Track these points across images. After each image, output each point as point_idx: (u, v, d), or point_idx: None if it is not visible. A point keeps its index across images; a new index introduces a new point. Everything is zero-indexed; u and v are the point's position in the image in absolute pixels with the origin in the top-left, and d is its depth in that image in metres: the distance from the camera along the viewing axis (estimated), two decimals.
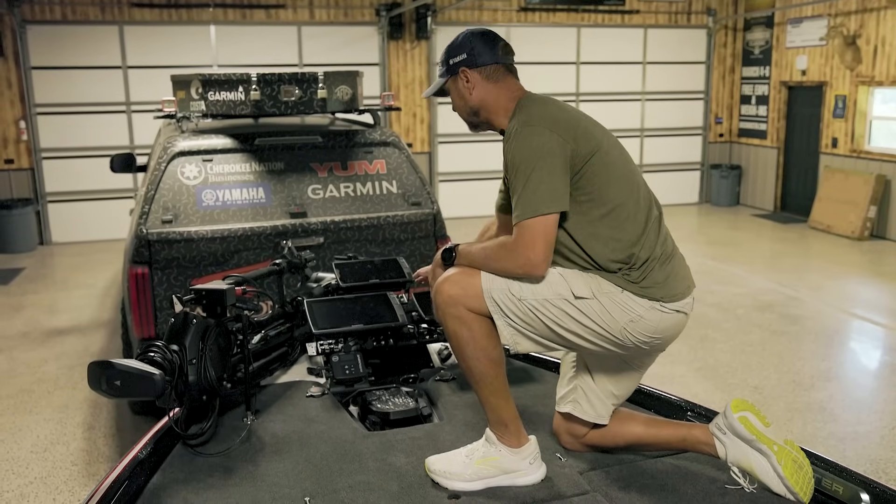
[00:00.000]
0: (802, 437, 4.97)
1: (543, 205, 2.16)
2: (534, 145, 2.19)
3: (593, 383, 2.46)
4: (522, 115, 2.29)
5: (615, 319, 2.23)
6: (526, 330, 2.26)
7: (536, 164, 2.17)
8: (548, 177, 2.17)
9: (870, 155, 11.26)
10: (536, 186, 2.16)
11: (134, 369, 2.17)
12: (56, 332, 7.27)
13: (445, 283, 2.29)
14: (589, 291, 2.23)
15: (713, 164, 14.15)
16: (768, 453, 2.19)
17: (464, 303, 2.25)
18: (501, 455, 2.30)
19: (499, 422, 2.31)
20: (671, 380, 5.91)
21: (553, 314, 2.23)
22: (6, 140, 11.12)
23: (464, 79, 2.40)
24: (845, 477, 2.19)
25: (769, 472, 2.19)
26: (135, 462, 2.36)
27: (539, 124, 2.22)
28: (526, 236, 2.17)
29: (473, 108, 2.43)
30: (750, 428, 2.24)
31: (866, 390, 5.86)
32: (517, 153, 2.21)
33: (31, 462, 4.80)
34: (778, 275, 9.09)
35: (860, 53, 11.26)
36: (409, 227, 5.01)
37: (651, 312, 2.25)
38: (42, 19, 10.99)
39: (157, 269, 4.53)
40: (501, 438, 2.31)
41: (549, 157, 2.18)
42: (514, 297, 2.23)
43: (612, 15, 13.22)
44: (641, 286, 2.25)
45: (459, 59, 2.40)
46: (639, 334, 2.26)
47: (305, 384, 3.00)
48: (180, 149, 4.77)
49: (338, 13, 12.04)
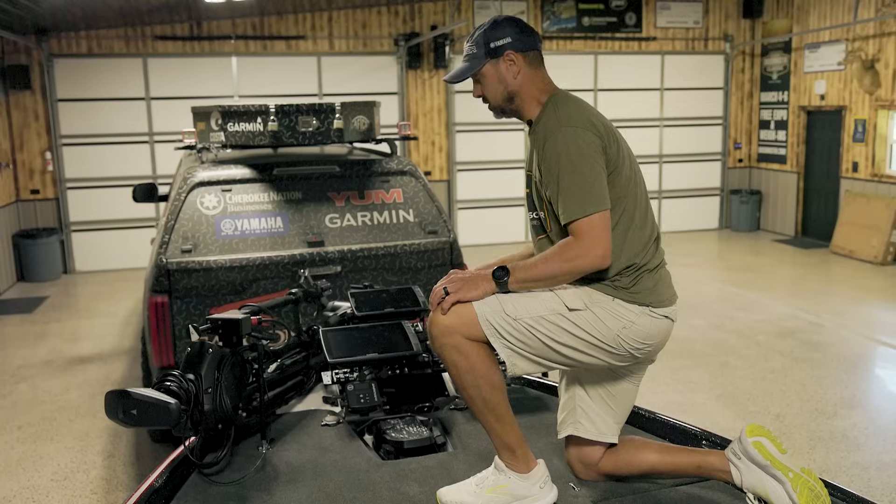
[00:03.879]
0: (826, 466, 4.90)
1: (601, 202, 2.21)
2: (581, 146, 2.23)
3: (590, 400, 2.47)
4: (563, 113, 2.31)
5: (608, 328, 2.27)
6: (523, 350, 2.26)
7: (587, 163, 2.22)
8: (598, 176, 2.23)
9: (891, 179, 11.16)
10: (591, 184, 2.21)
11: (150, 398, 2.19)
12: (78, 361, 7.35)
13: (438, 314, 2.27)
14: (581, 303, 2.27)
15: (733, 190, 14.09)
16: (783, 480, 2.17)
17: (459, 331, 2.23)
18: (511, 482, 2.29)
19: (505, 448, 2.30)
20: (691, 407, 5.85)
21: (549, 330, 2.25)
22: (32, 171, 11.32)
23: (510, 61, 2.38)
24: None
25: (784, 499, 2.16)
26: (150, 491, 2.37)
27: (584, 126, 2.27)
28: (593, 233, 2.19)
29: (511, 94, 2.41)
30: (765, 454, 2.22)
31: (891, 418, 5.76)
32: (564, 151, 2.24)
33: (51, 490, 4.83)
34: (799, 300, 9.00)
35: (879, 77, 11.21)
36: (426, 256, 5.03)
37: (642, 318, 2.30)
38: (69, 53, 11.23)
39: (177, 298, 4.57)
40: (510, 465, 2.30)
41: (597, 156, 2.25)
42: (508, 318, 2.23)
43: (629, 42, 13.29)
44: (631, 292, 2.29)
45: (504, 42, 2.37)
46: (632, 341, 2.30)
47: (321, 413, 3.01)
48: (200, 179, 4.83)
49: (357, 43, 12.20)
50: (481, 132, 12.75)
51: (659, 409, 3.10)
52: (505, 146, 12.75)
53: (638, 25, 13.30)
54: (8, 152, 11.02)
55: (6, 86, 10.93)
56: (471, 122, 12.71)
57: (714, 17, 13.68)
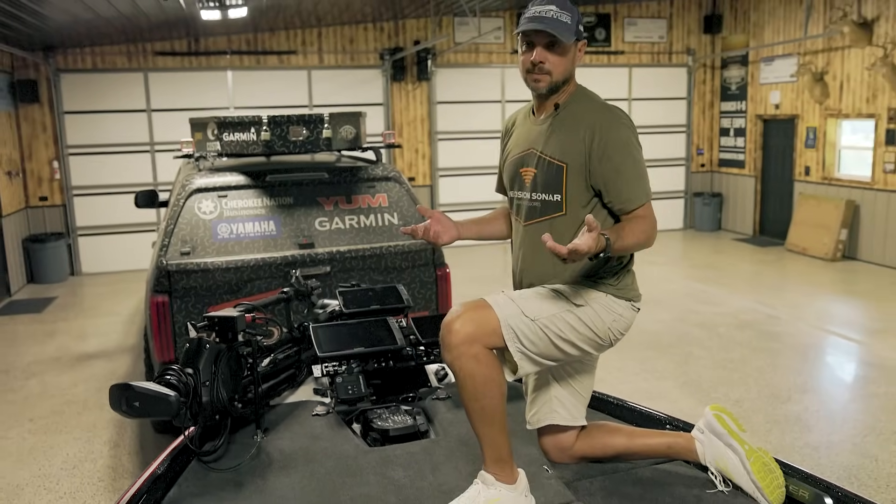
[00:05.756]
0: (781, 446, 4.95)
1: (650, 190, 2.28)
2: (633, 139, 2.27)
3: (562, 390, 2.47)
4: (611, 107, 2.33)
5: (603, 321, 2.28)
6: (531, 352, 2.19)
7: (642, 156, 2.27)
8: (645, 168, 2.28)
9: (840, 182, 11.29)
10: (644, 174, 2.26)
11: (151, 391, 2.19)
12: (85, 357, 7.30)
13: (457, 322, 2.09)
14: (583, 300, 2.27)
15: (696, 193, 14.19)
16: (739, 451, 2.21)
17: (480, 340, 2.09)
18: (502, 495, 2.15)
19: (498, 459, 2.17)
20: (658, 395, 5.90)
21: (559, 327, 2.21)
22: (41, 179, 11.22)
23: (583, 49, 2.37)
24: (810, 482, 2.20)
25: (739, 469, 2.20)
26: (153, 477, 2.37)
27: (630, 122, 2.31)
28: (653, 215, 2.24)
29: (568, 77, 2.36)
30: (723, 424, 2.26)
31: (840, 402, 5.84)
32: (629, 142, 2.25)
33: (61, 478, 4.80)
34: (757, 295, 9.09)
35: (828, 88, 11.33)
36: (410, 256, 5.03)
37: (627, 311, 2.34)
38: (74, 68, 11.14)
39: (176, 298, 4.56)
40: (499, 477, 2.16)
41: (641, 150, 2.30)
42: (527, 320, 2.17)
43: (599, 56, 13.35)
44: (618, 288, 2.32)
45: (583, 29, 2.34)
46: (617, 332, 2.33)
47: (311, 404, 3.01)
48: (197, 186, 4.82)
49: (345, 58, 12.18)
50: (462, 140, 12.77)
51: (628, 396, 3.12)
52: (484, 153, 12.76)
53: (607, 40, 13.36)
54: (18, 162, 10.92)
55: (16, 99, 10.85)
56: (452, 131, 12.72)
57: (677, 33, 13.77)
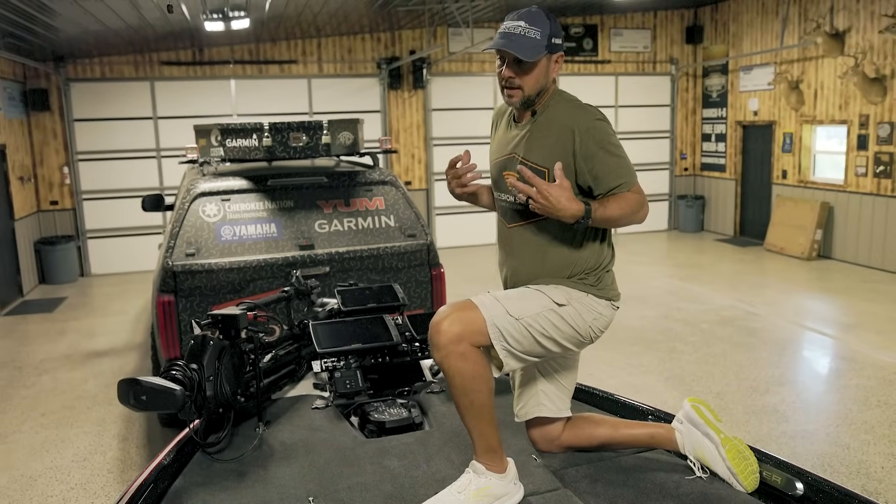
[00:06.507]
0: (759, 436, 4.98)
1: (635, 174, 2.21)
2: (610, 130, 2.20)
3: (548, 384, 2.47)
4: (587, 106, 2.23)
5: (584, 320, 2.27)
6: (516, 349, 2.19)
7: (619, 143, 2.20)
8: (626, 154, 2.22)
9: (815, 184, 11.34)
10: (627, 161, 2.19)
11: (157, 385, 2.19)
12: (95, 354, 7.29)
13: (445, 322, 2.10)
14: (564, 299, 2.25)
15: (679, 195, 14.23)
16: (715, 439, 2.23)
17: (468, 339, 2.10)
18: (492, 483, 2.16)
19: (488, 450, 2.18)
20: (643, 388, 5.92)
21: (542, 325, 2.20)
22: (51, 184, 11.19)
23: (559, 61, 2.27)
24: (783, 468, 2.22)
25: (716, 456, 2.23)
26: (159, 468, 2.38)
27: (603, 116, 2.22)
28: (642, 194, 2.19)
29: (543, 89, 2.25)
30: (700, 414, 2.28)
31: (815, 394, 5.87)
32: (608, 138, 2.18)
33: (72, 470, 4.80)
34: (738, 292, 9.12)
35: (803, 96, 11.38)
36: (406, 257, 5.05)
37: (608, 310, 2.33)
38: (83, 77, 11.12)
39: (182, 297, 4.56)
40: (489, 467, 2.17)
41: (617, 137, 2.24)
42: (511, 319, 2.16)
43: (586, 64, 13.38)
44: (598, 288, 2.31)
45: (560, 41, 2.24)
46: (598, 330, 2.32)
47: (311, 397, 3.02)
48: (201, 190, 4.83)
49: (343, 66, 12.18)
50: (456, 145, 12.75)
51: (614, 389, 3.15)
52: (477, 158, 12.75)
53: (594, 50, 13.39)
54: (30, 167, 10.89)
55: (28, 107, 10.82)
56: (447, 137, 12.72)
57: (661, 43, 13.81)
